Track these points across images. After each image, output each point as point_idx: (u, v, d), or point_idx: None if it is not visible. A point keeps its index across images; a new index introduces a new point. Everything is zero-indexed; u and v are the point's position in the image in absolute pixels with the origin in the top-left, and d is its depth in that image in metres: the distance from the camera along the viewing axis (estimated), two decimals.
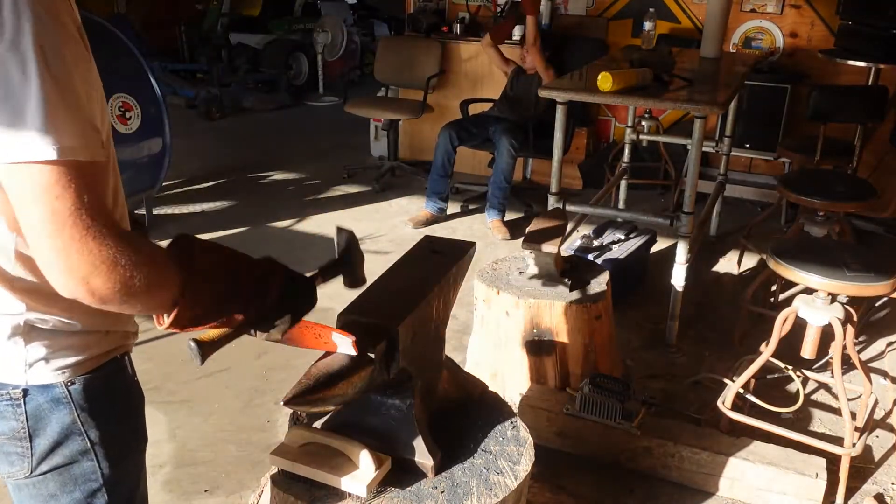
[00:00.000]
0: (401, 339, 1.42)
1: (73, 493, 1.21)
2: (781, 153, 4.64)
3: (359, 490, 1.43)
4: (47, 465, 1.18)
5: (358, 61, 9.09)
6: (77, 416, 1.15)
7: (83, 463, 1.19)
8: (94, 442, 1.19)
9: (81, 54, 0.94)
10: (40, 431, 1.15)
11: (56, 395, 1.13)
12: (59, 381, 1.13)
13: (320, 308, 1.36)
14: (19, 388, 1.12)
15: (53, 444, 1.16)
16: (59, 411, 1.14)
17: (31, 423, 1.14)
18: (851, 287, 2.34)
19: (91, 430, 1.18)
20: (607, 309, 2.74)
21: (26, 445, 1.15)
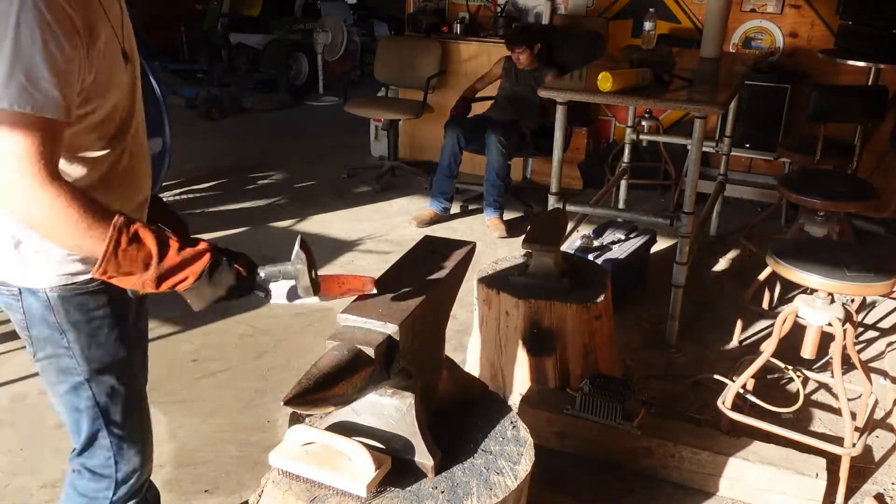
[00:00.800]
0: (401, 339, 1.42)
1: (64, 383, 1.49)
2: (781, 153, 4.64)
3: (359, 490, 1.43)
4: (42, 353, 1.47)
5: (358, 61, 9.09)
6: (56, 318, 1.42)
7: (64, 359, 1.46)
8: (71, 342, 1.44)
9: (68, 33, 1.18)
10: (33, 324, 1.43)
11: (40, 297, 1.40)
12: (42, 287, 1.39)
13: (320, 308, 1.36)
14: (16, 287, 1.40)
15: (43, 338, 1.45)
16: (43, 311, 1.41)
17: (27, 317, 1.43)
18: (851, 287, 2.34)
19: (69, 333, 1.44)
20: (607, 309, 2.74)
21: (27, 334, 1.46)
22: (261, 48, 8.27)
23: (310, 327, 3.39)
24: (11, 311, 1.45)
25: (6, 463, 2.50)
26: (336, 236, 4.46)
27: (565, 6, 5.51)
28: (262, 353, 3.19)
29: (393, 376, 1.45)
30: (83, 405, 1.51)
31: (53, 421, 2.71)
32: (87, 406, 1.51)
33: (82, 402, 1.51)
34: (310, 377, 1.31)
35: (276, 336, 3.32)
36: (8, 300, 1.44)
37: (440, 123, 5.56)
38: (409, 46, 5.63)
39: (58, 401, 1.53)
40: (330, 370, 1.33)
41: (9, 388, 2.90)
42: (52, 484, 2.41)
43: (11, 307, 1.44)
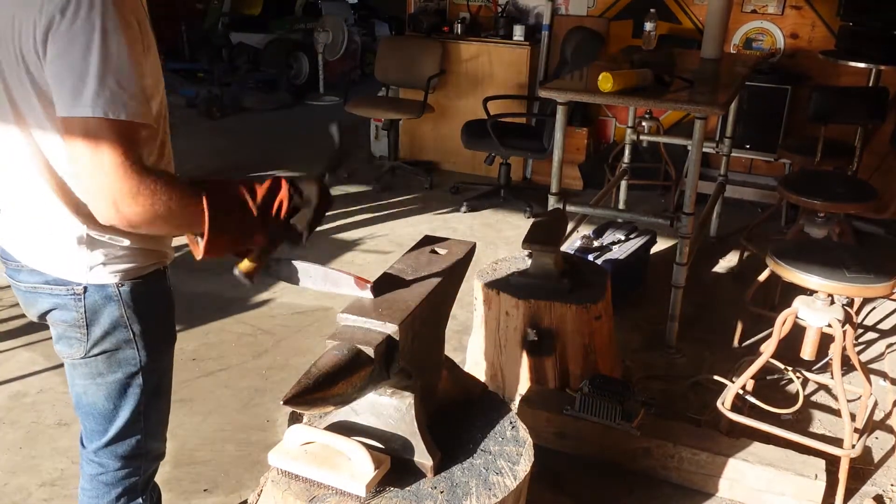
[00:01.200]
0: (401, 339, 1.42)
1: (116, 373, 1.50)
2: (782, 154, 4.64)
3: (358, 490, 1.43)
4: (98, 348, 1.47)
5: (358, 61, 9.09)
6: (124, 311, 1.45)
7: (126, 350, 1.49)
8: (136, 334, 1.48)
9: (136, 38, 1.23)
10: (95, 321, 1.44)
11: (108, 293, 1.43)
12: (112, 283, 1.42)
13: (321, 307, 1.37)
14: (81, 286, 1.41)
15: (104, 333, 1.45)
16: (110, 306, 1.43)
17: (88, 315, 1.44)
18: (851, 288, 2.34)
19: (134, 324, 1.47)
20: (607, 309, 2.74)
21: (83, 332, 1.45)
22: (261, 48, 8.27)
23: (310, 327, 3.39)
24: (65, 311, 1.44)
25: (6, 462, 2.50)
26: (336, 236, 4.46)
27: (566, 7, 5.51)
28: (262, 353, 3.19)
29: (393, 376, 1.45)
30: (132, 392, 1.53)
31: (52, 419, 2.72)
32: (135, 393, 1.53)
33: (132, 390, 1.53)
34: (309, 377, 1.31)
35: (276, 336, 3.32)
36: (64, 300, 1.43)
37: (440, 123, 5.58)
38: (410, 46, 5.62)
39: (97, 390, 1.52)
40: (330, 370, 1.33)
41: (8, 386, 2.90)
42: (51, 483, 2.41)
43: (66, 306, 1.43)
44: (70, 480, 2.42)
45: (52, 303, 1.45)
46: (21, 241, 1.44)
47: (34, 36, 1.19)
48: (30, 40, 1.20)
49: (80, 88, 1.16)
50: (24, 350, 3.14)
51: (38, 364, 3.04)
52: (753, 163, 5.28)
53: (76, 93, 1.17)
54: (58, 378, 2.95)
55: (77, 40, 1.17)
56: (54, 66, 1.19)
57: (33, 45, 1.20)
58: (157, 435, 1.65)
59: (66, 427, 2.67)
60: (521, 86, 5.42)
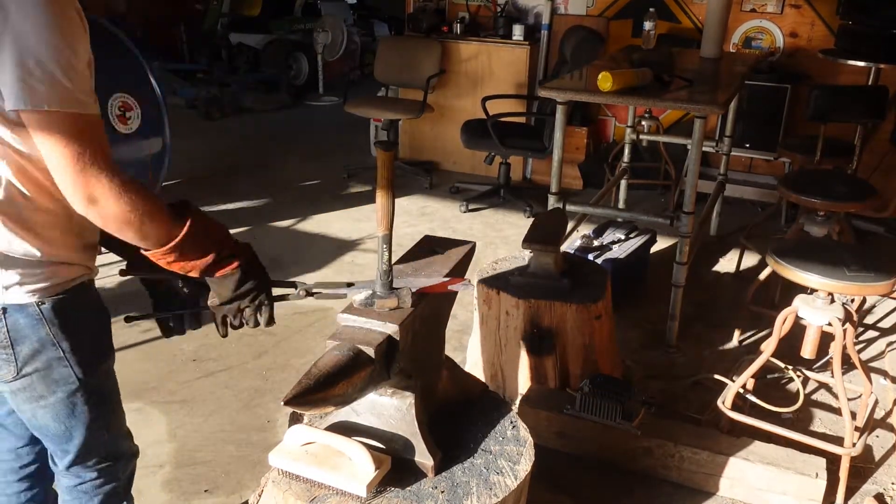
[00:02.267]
0: (401, 339, 1.42)
1: (56, 393, 1.44)
2: (781, 153, 4.64)
3: (359, 490, 1.43)
4: (30, 367, 1.40)
5: (358, 61, 9.09)
6: (49, 330, 1.39)
7: (59, 368, 1.42)
8: (66, 351, 1.41)
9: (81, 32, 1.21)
10: (20, 341, 1.38)
11: (30, 312, 1.37)
12: (32, 301, 1.36)
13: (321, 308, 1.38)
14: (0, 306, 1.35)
15: (33, 352, 1.39)
16: (34, 326, 1.38)
17: (11, 335, 1.37)
18: (851, 287, 2.34)
19: (62, 342, 1.41)
20: (607, 309, 2.74)
21: (10, 352, 1.39)
22: (261, 48, 8.27)
23: (310, 327, 3.39)
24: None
25: None
26: (336, 236, 4.46)
27: (565, 6, 5.51)
28: (262, 353, 3.19)
29: (393, 376, 1.45)
30: (78, 410, 1.48)
31: None
32: (83, 410, 1.48)
33: (78, 408, 1.48)
34: (310, 377, 1.31)
35: (276, 336, 3.32)
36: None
37: (440, 123, 5.58)
38: (409, 46, 5.63)
39: (44, 413, 1.47)
40: (330, 370, 1.33)
41: None
42: None
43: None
44: None
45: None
46: None
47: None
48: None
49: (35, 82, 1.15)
50: None
51: None
52: (753, 162, 5.28)
53: (31, 86, 1.15)
54: None
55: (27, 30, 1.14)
56: (4, 58, 1.15)
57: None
58: (122, 436, 1.63)
59: None
60: (520, 85, 5.42)
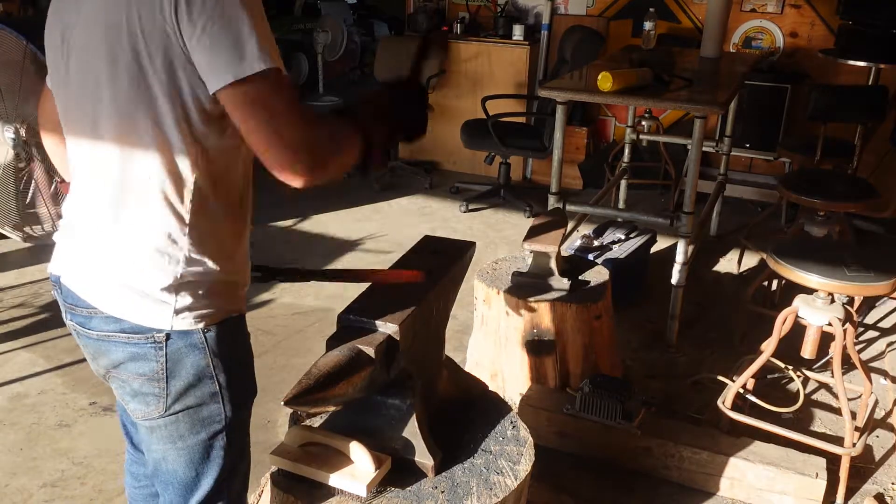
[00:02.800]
0: (401, 339, 1.42)
1: (200, 434, 1.35)
2: (781, 153, 4.64)
3: (359, 490, 1.43)
4: (181, 404, 1.32)
5: (358, 61, 9.09)
6: (210, 360, 1.30)
7: (211, 405, 1.34)
8: (223, 385, 1.33)
9: None
10: (176, 373, 1.29)
11: (194, 340, 1.28)
12: (198, 328, 1.28)
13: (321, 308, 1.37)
14: (163, 332, 1.26)
15: (187, 386, 1.31)
16: (195, 355, 1.29)
17: (169, 365, 1.28)
18: (851, 287, 2.34)
19: (220, 375, 1.32)
20: (607, 309, 2.74)
21: (163, 386, 1.30)
22: None
23: (310, 327, 3.39)
24: (142, 362, 1.29)
25: (6, 463, 2.50)
26: (336, 236, 4.46)
27: (565, 6, 5.51)
28: (262, 353, 3.19)
29: (393, 376, 1.45)
30: (215, 455, 1.38)
31: (53, 421, 2.72)
32: (220, 456, 1.39)
33: (215, 452, 1.38)
34: (310, 377, 1.31)
35: (276, 336, 3.32)
36: (143, 349, 1.28)
37: (440, 123, 5.57)
38: (409, 46, 5.62)
39: (177, 456, 1.37)
40: (330, 370, 1.33)
41: (9, 388, 2.90)
42: (52, 484, 2.41)
43: (146, 357, 1.28)
44: (70, 482, 2.42)
45: (129, 353, 1.29)
46: (97, 281, 1.29)
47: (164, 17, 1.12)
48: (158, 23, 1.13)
49: (242, 49, 1.12)
50: (25, 351, 3.14)
51: (38, 365, 3.04)
52: (753, 162, 5.27)
53: (240, 54, 1.12)
54: (58, 379, 2.95)
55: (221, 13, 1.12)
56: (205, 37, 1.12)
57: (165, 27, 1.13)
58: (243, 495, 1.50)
59: (67, 428, 2.67)
60: (520, 85, 5.42)
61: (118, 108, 1.20)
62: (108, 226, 1.26)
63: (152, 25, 1.14)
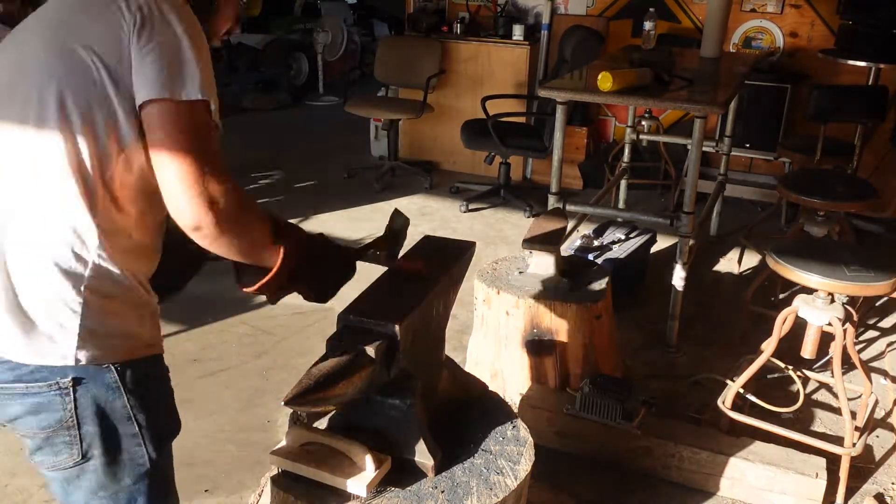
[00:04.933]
0: (401, 339, 1.42)
1: (123, 479, 1.26)
2: (781, 153, 4.64)
3: (359, 490, 1.43)
4: (98, 449, 1.22)
5: (358, 61, 9.08)
6: (127, 400, 1.21)
7: (132, 448, 1.25)
8: (143, 426, 1.24)
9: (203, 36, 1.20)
10: (89, 418, 1.19)
11: (107, 381, 1.18)
12: (110, 365, 1.18)
13: (321, 308, 1.38)
14: (68, 377, 1.15)
15: (104, 430, 1.20)
16: (109, 395, 1.19)
17: (79, 412, 1.18)
18: (851, 287, 2.34)
19: (139, 415, 1.23)
20: (607, 309, 2.74)
21: (74, 433, 1.19)
22: (261, 48, 8.27)
23: (310, 327, 3.39)
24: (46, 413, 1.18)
25: (6, 463, 2.50)
26: (336, 236, 4.46)
27: (565, 6, 5.51)
28: (262, 353, 3.19)
29: (393, 376, 1.45)
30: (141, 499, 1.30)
31: None
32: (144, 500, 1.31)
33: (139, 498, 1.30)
34: (310, 377, 1.31)
35: (276, 336, 3.32)
36: (46, 398, 1.16)
37: (440, 123, 5.58)
38: (409, 46, 5.63)
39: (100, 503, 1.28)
40: (330, 370, 1.33)
41: None
42: None
43: (50, 407, 1.17)
44: None
45: (27, 406, 1.18)
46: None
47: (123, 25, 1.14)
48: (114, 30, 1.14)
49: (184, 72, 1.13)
50: None
51: None
52: (753, 162, 5.28)
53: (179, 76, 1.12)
54: None
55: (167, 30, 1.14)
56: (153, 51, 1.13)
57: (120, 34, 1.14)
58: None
59: None
60: (520, 85, 5.42)
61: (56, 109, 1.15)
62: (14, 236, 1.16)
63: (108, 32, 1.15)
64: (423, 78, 5.36)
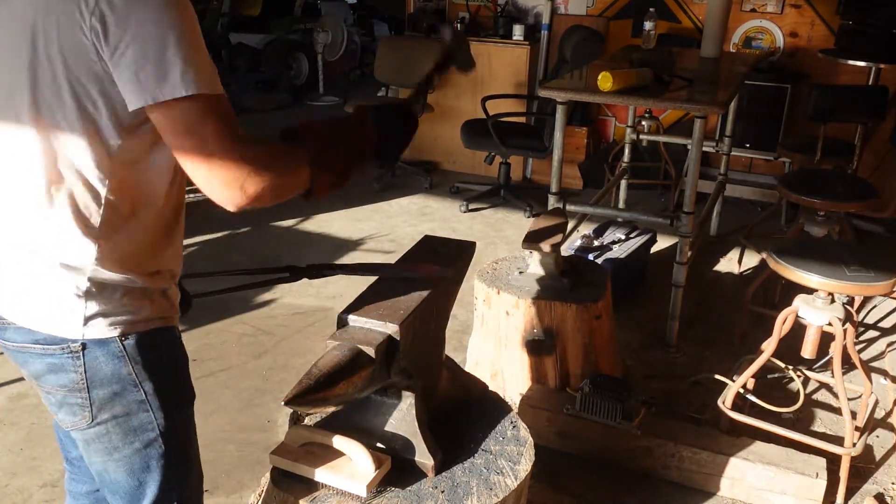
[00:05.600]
0: (401, 339, 1.42)
1: (133, 443, 1.33)
2: (781, 153, 4.63)
3: (359, 490, 1.43)
4: (107, 413, 1.29)
5: (358, 61, 9.08)
6: (132, 368, 1.27)
7: (139, 414, 1.31)
8: (149, 393, 1.30)
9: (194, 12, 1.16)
10: (97, 383, 1.26)
11: (111, 349, 1.25)
12: (115, 337, 1.24)
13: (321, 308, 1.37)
14: (78, 342, 1.23)
15: (112, 395, 1.28)
16: (115, 364, 1.26)
17: (89, 375, 1.25)
18: (851, 287, 2.34)
19: (145, 383, 1.30)
20: (607, 309, 2.74)
21: (85, 396, 1.26)
22: (261, 48, 8.27)
23: (310, 327, 3.39)
24: (61, 373, 1.26)
25: (6, 463, 2.50)
26: (336, 236, 4.46)
27: (565, 6, 5.51)
28: (262, 353, 3.19)
29: (393, 376, 1.45)
30: (154, 464, 1.36)
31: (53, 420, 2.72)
32: (159, 465, 1.36)
33: (154, 462, 1.36)
34: (310, 377, 1.31)
35: (276, 336, 3.32)
36: (60, 360, 1.24)
37: (440, 123, 5.58)
38: (409, 46, 5.62)
39: (117, 466, 1.35)
40: (330, 370, 1.33)
41: (9, 388, 2.90)
42: (52, 484, 2.41)
43: (63, 368, 1.25)
44: None
45: (46, 364, 1.26)
46: (7, 292, 1.26)
47: (83, 29, 1.08)
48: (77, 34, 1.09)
49: (166, 69, 1.07)
50: None
51: None
52: (753, 162, 5.28)
53: (163, 75, 1.07)
54: None
55: (144, 18, 1.08)
56: (125, 54, 1.08)
57: (83, 38, 1.09)
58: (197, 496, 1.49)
59: None
60: (520, 85, 5.42)
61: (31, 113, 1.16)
62: (15, 233, 1.24)
63: (71, 39, 1.10)
64: (423, 78, 5.35)
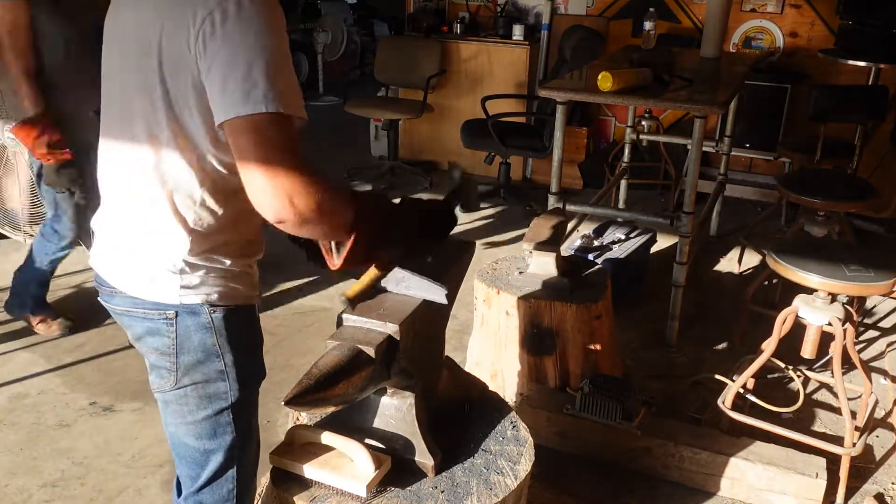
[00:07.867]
0: (401, 339, 1.42)
1: (206, 409, 1.44)
2: (781, 153, 4.64)
3: (358, 490, 1.43)
4: (188, 378, 1.42)
5: (358, 61, 9.08)
6: (216, 339, 1.40)
7: (217, 382, 1.43)
8: (228, 364, 1.42)
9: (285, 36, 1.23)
10: (185, 349, 1.39)
11: (201, 320, 1.38)
12: (205, 307, 1.37)
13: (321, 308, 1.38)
14: (172, 310, 1.37)
15: (195, 362, 1.40)
16: (202, 333, 1.39)
17: (179, 341, 1.39)
18: (851, 287, 2.34)
19: (227, 354, 1.42)
20: (607, 309, 2.74)
21: (173, 360, 1.40)
22: None
23: (310, 327, 3.39)
24: (157, 336, 1.40)
25: (6, 463, 2.50)
26: None
27: (565, 6, 5.51)
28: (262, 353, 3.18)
29: (393, 376, 1.45)
30: (222, 431, 1.47)
31: (53, 421, 2.72)
32: (227, 432, 1.47)
33: (222, 429, 1.47)
34: (310, 377, 1.31)
35: (277, 336, 3.32)
36: (156, 324, 1.39)
37: (440, 123, 5.58)
38: (409, 46, 5.63)
39: (187, 430, 1.47)
40: (330, 370, 1.33)
41: (9, 388, 2.90)
42: (52, 484, 2.41)
43: (159, 332, 1.39)
44: (70, 482, 2.42)
45: (146, 327, 1.41)
46: (115, 264, 1.42)
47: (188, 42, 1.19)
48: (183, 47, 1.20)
49: (250, 87, 1.15)
50: (25, 352, 3.14)
51: (38, 365, 3.04)
52: (753, 161, 5.28)
53: (246, 92, 1.15)
54: (58, 380, 2.95)
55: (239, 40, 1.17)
56: (217, 70, 1.18)
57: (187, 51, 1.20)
58: (248, 489, 1.57)
59: (67, 428, 2.67)
60: (520, 85, 5.42)
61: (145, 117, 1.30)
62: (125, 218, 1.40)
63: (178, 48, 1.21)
64: (423, 78, 5.36)
